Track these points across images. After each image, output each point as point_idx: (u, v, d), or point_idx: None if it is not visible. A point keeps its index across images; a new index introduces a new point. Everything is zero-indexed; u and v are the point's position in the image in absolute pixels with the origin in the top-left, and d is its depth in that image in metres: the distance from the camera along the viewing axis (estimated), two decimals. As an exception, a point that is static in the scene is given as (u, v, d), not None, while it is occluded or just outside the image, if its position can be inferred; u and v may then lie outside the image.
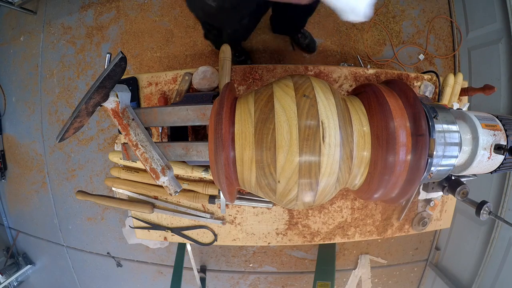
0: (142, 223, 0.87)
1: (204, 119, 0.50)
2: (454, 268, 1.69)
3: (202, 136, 0.74)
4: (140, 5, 1.77)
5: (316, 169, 0.37)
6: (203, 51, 1.72)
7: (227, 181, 0.42)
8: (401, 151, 0.40)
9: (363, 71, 0.79)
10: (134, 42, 1.77)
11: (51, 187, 2.00)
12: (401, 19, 1.71)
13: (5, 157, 2.09)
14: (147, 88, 0.79)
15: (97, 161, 1.89)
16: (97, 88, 0.42)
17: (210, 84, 0.74)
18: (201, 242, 0.86)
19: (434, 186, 0.79)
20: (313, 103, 0.37)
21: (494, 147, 0.47)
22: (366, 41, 1.69)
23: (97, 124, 1.86)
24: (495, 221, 1.38)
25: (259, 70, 0.77)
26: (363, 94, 0.46)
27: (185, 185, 0.78)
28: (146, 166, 0.49)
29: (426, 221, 0.88)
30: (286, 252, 1.86)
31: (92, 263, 2.06)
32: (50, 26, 1.89)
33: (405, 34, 1.72)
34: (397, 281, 1.92)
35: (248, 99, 0.42)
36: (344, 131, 0.39)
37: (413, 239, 1.87)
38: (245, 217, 0.84)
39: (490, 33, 1.46)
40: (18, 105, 2.01)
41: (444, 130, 0.45)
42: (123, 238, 1.88)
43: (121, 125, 0.49)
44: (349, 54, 1.69)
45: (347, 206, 0.84)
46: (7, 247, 2.21)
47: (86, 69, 1.84)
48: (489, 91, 0.78)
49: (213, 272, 1.90)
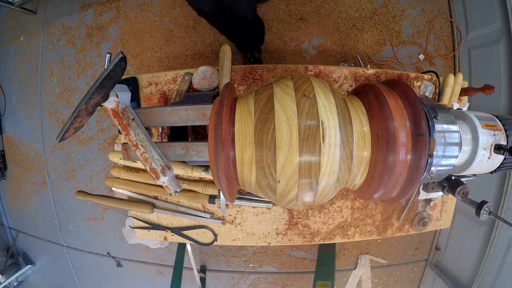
0: (142, 223, 0.87)
1: (204, 119, 0.50)
2: (454, 268, 1.69)
3: (202, 136, 0.74)
4: (140, 5, 1.77)
5: (316, 169, 0.37)
6: (203, 51, 1.72)
7: (227, 181, 0.42)
8: (401, 151, 0.40)
9: (363, 71, 0.79)
10: (134, 42, 1.77)
11: (51, 187, 2.00)
12: (401, 19, 1.71)
13: (5, 157, 2.09)
14: (147, 88, 0.79)
15: (97, 161, 1.89)
16: (97, 88, 0.42)
17: (210, 84, 0.74)
18: (201, 242, 0.86)
19: (434, 186, 0.79)
20: (313, 103, 0.37)
21: (494, 147, 0.47)
22: (366, 41, 1.69)
23: (97, 124, 1.86)
24: (495, 221, 1.38)
25: (259, 70, 0.77)
26: (363, 94, 0.46)
27: (185, 185, 0.78)
28: (146, 166, 0.49)
29: (426, 221, 0.88)
30: (286, 252, 1.86)
31: (92, 263, 2.06)
32: (50, 26, 1.89)
33: (405, 34, 1.71)
34: (397, 281, 1.92)
35: (248, 99, 0.42)
36: (344, 131, 0.39)
37: (413, 239, 1.87)
38: (245, 217, 0.84)
39: (490, 33, 1.46)
40: (18, 105, 2.01)
41: (444, 130, 0.45)
42: (123, 238, 1.88)
43: (121, 125, 0.49)
44: (349, 54, 1.69)
45: (347, 206, 0.84)
46: (7, 247, 2.21)
47: (86, 69, 1.84)
48: (489, 91, 0.78)
49: (213, 272, 1.90)
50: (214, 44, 1.71)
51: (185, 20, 1.73)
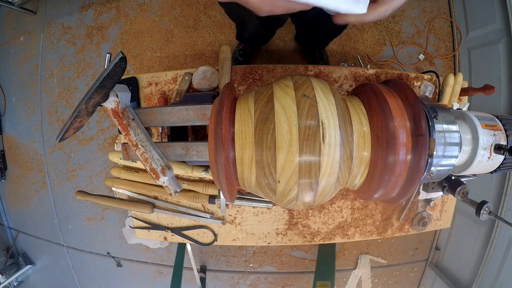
0: (142, 223, 0.87)
1: (204, 119, 0.50)
2: (454, 268, 1.69)
3: (202, 136, 0.74)
4: (140, 5, 1.77)
5: (316, 169, 0.37)
6: (203, 51, 1.72)
7: (227, 181, 0.42)
8: (401, 151, 0.40)
9: (363, 71, 0.79)
10: (134, 42, 1.77)
11: (51, 187, 2.00)
12: (401, 19, 1.71)
13: (5, 157, 2.09)
14: (147, 88, 0.79)
15: (97, 161, 1.89)
16: (97, 88, 0.42)
17: (210, 84, 0.74)
18: (201, 242, 0.86)
19: (434, 186, 0.79)
20: (313, 103, 0.37)
21: (494, 147, 0.47)
22: (366, 41, 1.69)
23: (97, 124, 1.86)
24: (495, 221, 1.38)
25: (259, 70, 0.77)
26: (363, 94, 0.46)
27: (185, 185, 0.78)
28: (146, 166, 0.49)
29: (426, 221, 0.88)
30: (286, 252, 1.86)
31: (92, 263, 2.06)
32: (50, 26, 1.89)
33: (405, 34, 1.71)
34: (397, 281, 1.92)
35: (248, 99, 0.42)
36: (344, 131, 0.38)
37: (413, 239, 1.87)
38: (245, 217, 0.84)
39: (490, 33, 1.46)
40: (18, 105, 2.01)
41: (444, 130, 0.45)
42: (123, 238, 1.88)
43: (121, 125, 0.49)
44: (349, 54, 1.69)
45: (347, 206, 0.84)
46: (7, 247, 2.21)
47: (86, 69, 1.84)
48: (489, 91, 0.78)
49: (213, 272, 1.90)
50: (214, 44, 1.71)
51: (185, 20, 1.73)
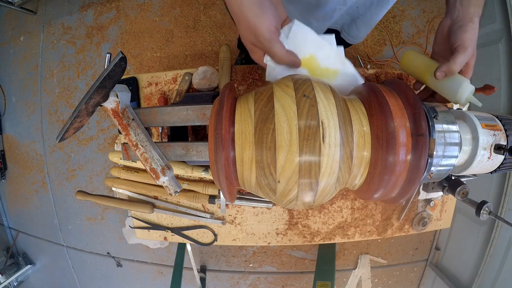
0: (142, 223, 0.87)
1: (204, 119, 0.50)
2: (454, 268, 1.69)
3: (202, 136, 0.74)
4: (140, 5, 1.77)
5: (316, 169, 0.37)
6: (203, 51, 1.72)
7: (227, 181, 0.42)
8: (401, 151, 0.40)
9: (363, 71, 0.79)
10: (134, 42, 1.77)
11: (51, 187, 2.00)
12: (401, 19, 1.71)
13: (5, 157, 2.10)
14: (147, 88, 0.79)
15: (97, 161, 1.89)
16: (97, 88, 0.42)
17: (210, 84, 0.74)
18: (201, 242, 0.86)
19: (434, 186, 0.79)
20: (313, 103, 0.37)
21: (494, 147, 0.47)
22: (366, 41, 1.69)
23: (97, 124, 1.86)
24: (495, 221, 1.38)
25: (259, 70, 0.76)
26: (363, 94, 0.46)
27: (185, 185, 0.78)
28: (146, 166, 0.49)
29: (426, 221, 0.88)
30: (286, 252, 1.86)
31: (92, 263, 2.06)
32: (50, 26, 1.89)
33: (405, 34, 1.72)
34: (397, 281, 1.92)
35: (248, 99, 0.42)
36: (344, 131, 0.38)
37: (413, 239, 1.87)
38: (245, 217, 0.84)
39: (490, 33, 1.46)
40: (18, 105, 2.01)
41: (444, 130, 0.45)
42: (123, 238, 1.88)
43: (121, 125, 0.49)
44: (349, 54, 1.69)
45: (347, 206, 0.84)
46: (7, 247, 2.21)
47: (86, 69, 1.84)
48: (489, 91, 0.77)
49: (213, 272, 1.90)
50: (214, 44, 1.71)
51: (185, 20, 1.73)
